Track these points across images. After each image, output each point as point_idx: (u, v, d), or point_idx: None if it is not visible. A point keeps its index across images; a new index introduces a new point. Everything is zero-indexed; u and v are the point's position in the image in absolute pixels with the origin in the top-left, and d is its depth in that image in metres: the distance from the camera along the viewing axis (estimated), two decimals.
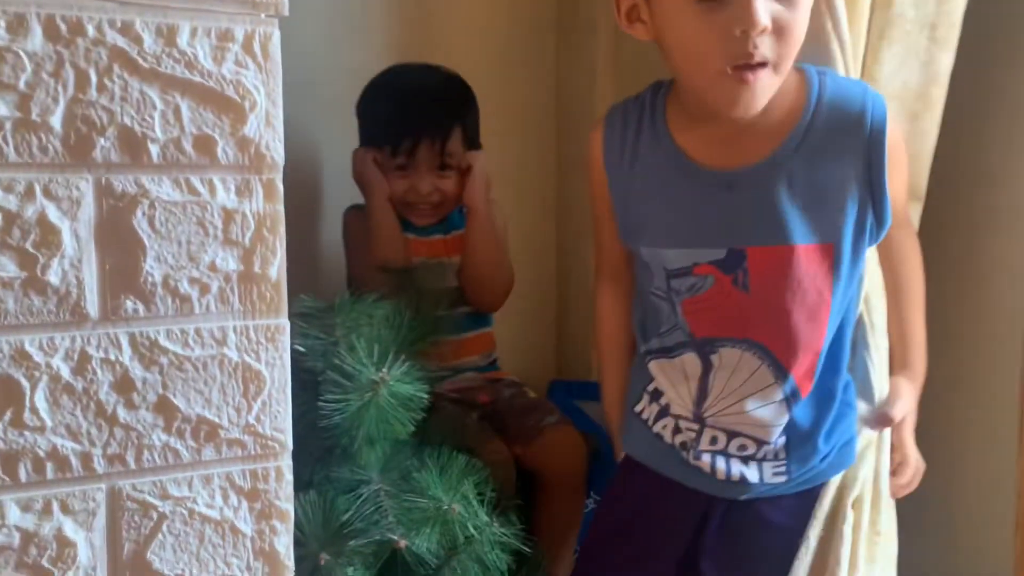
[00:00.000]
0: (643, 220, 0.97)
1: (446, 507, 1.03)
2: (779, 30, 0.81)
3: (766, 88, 0.84)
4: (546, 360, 1.97)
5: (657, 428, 1.03)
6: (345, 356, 1.03)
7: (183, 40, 0.66)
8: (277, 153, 0.70)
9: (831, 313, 0.92)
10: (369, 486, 1.05)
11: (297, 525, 0.93)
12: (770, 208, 0.89)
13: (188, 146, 0.67)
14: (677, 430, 1.01)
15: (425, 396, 1.06)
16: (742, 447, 0.97)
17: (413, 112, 1.44)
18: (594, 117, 1.78)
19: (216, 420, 0.69)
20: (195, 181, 0.67)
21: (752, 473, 0.97)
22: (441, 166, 1.45)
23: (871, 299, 1.00)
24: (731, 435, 0.97)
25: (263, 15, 0.68)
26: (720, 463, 0.98)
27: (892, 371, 1.01)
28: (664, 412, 1.02)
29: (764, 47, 0.81)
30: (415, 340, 1.13)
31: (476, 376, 1.53)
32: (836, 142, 0.88)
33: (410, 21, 1.77)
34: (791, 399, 0.95)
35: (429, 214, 1.48)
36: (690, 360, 0.97)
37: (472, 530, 1.05)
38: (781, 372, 0.93)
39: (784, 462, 0.97)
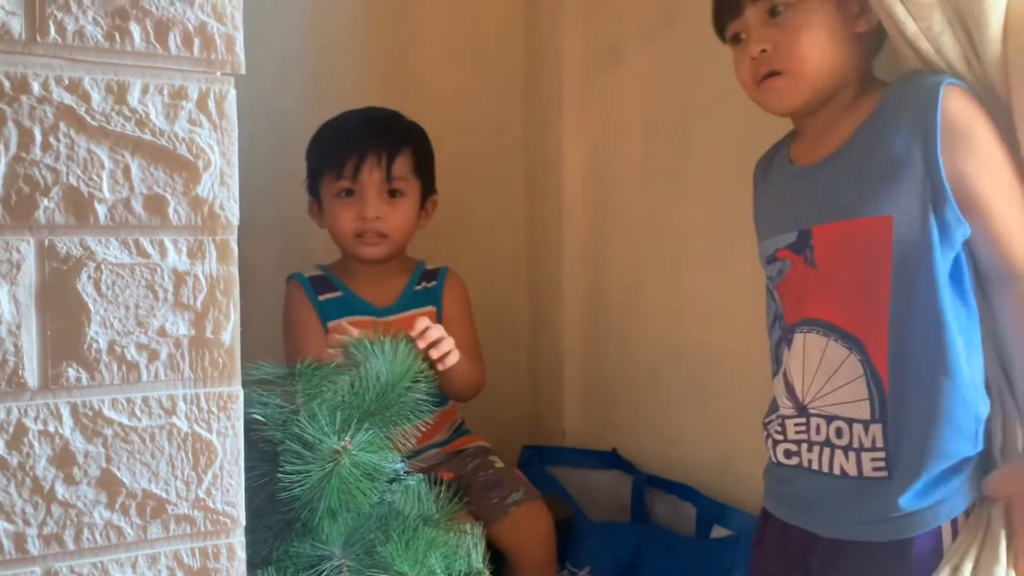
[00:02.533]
0: (759, 221, 1.11)
1: None
2: (777, 49, 0.99)
3: (788, 89, 0.99)
4: (518, 425, 1.93)
5: (771, 454, 1.07)
6: (306, 425, 0.99)
7: (134, 98, 0.64)
8: (232, 213, 0.67)
9: (892, 290, 0.92)
10: (331, 561, 0.99)
11: None
12: (832, 188, 0.98)
13: (138, 206, 0.64)
14: (790, 445, 1.04)
15: (391, 466, 1.02)
16: (839, 431, 0.98)
17: (360, 131, 1.40)
18: (561, 185, 1.81)
19: (163, 495, 0.65)
20: (145, 242, 0.64)
21: (851, 465, 0.96)
22: (390, 192, 1.41)
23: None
24: (829, 420, 0.99)
25: (219, 73, 0.66)
26: (825, 456, 0.99)
27: None
28: (768, 435, 1.07)
29: (772, 61, 0.99)
30: (381, 409, 1.09)
31: (438, 452, 1.49)
32: (899, 119, 0.94)
33: (383, 82, 1.78)
34: (871, 376, 0.94)
35: (376, 244, 1.42)
36: (784, 357, 1.04)
37: None
38: (853, 343, 0.95)
39: (883, 453, 0.94)
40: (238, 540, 0.67)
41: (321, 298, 1.46)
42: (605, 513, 1.63)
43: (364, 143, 1.38)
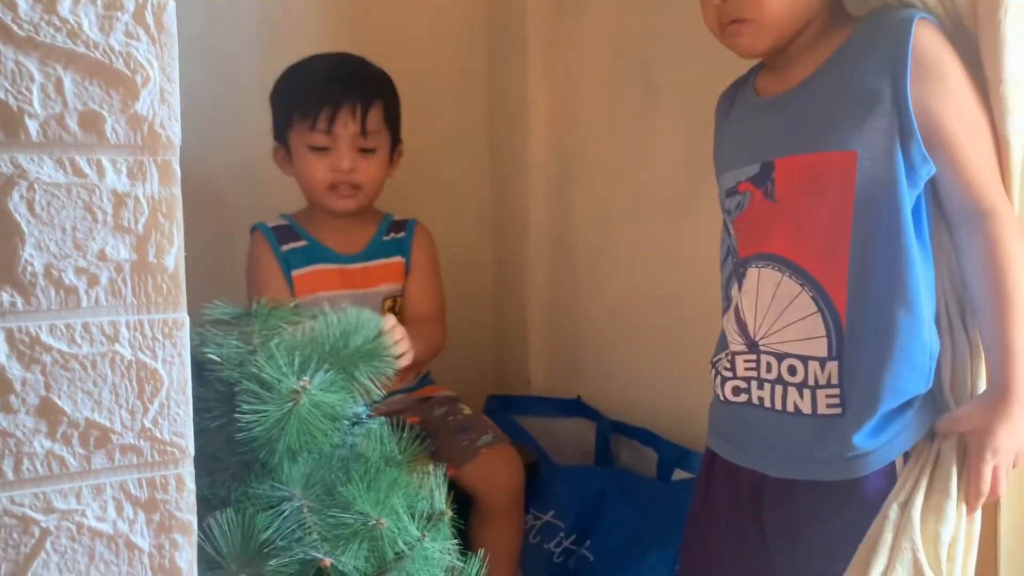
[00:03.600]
0: (721, 155, 1.10)
1: (373, 522, 0.97)
2: None
3: (752, 34, 0.97)
4: (484, 375, 1.93)
5: (718, 392, 1.06)
6: (263, 365, 0.97)
7: (64, 7, 0.60)
8: (173, 133, 0.64)
9: (853, 227, 0.91)
10: (291, 502, 0.98)
11: (214, 546, 0.87)
12: (797, 121, 0.97)
13: (72, 123, 0.61)
14: (739, 382, 1.02)
15: (351, 408, 1.00)
16: (791, 369, 0.96)
17: (333, 82, 1.37)
18: (527, 133, 1.78)
19: (107, 424, 0.62)
20: (81, 161, 0.61)
21: (805, 402, 0.95)
22: (362, 147, 1.39)
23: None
24: (780, 357, 0.98)
25: None
26: (777, 393, 0.98)
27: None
28: (717, 373, 1.06)
29: (734, 10, 0.97)
30: (340, 352, 1.07)
31: (404, 398, 1.49)
32: (869, 53, 0.93)
33: (340, 25, 1.74)
34: (827, 313, 0.93)
35: (349, 197, 1.41)
36: (734, 292, 1.03)
37: (402, 546, 0.99)
38: (807, 280, 0.94)
39: (837, 390, 0.94)
40: (187, 470, 0.66)
41: (284, 248, 1.44)
42: (570, 459, 1.63)
43: (338, 94, 1.36)
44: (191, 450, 0.66)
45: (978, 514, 0.93)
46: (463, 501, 1.37)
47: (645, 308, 1.60)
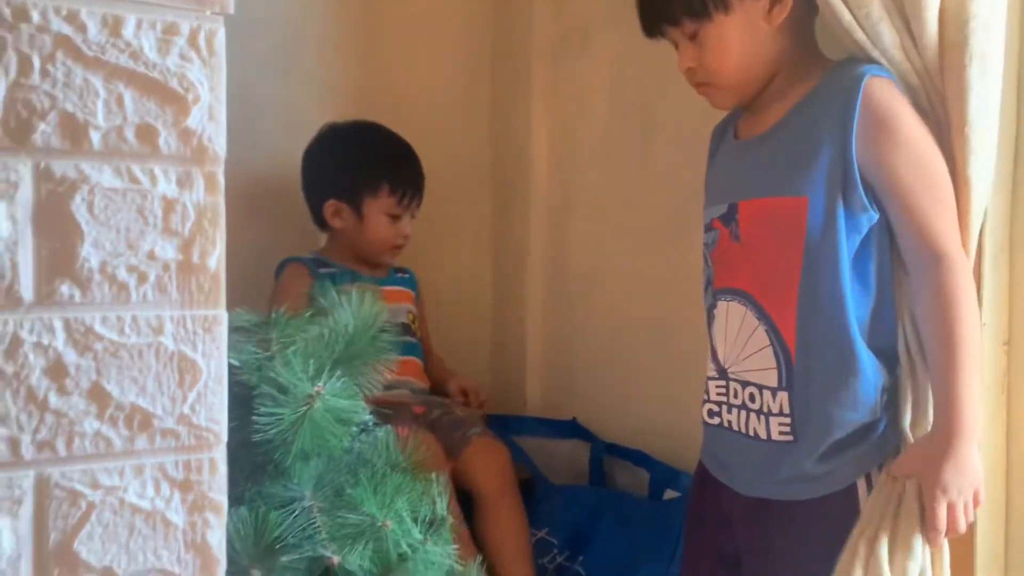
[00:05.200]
0: (705, 188, 1.16)
1: (379, 524, 1.02)
2: (701, 66, 1.05)
3: (720, 95, 1.07)
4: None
5: (703, 414, 1.12)
6: (280, 370, 1.03)
7: (128, 31, 0.67)
8: (219, 146, 0.71)
9: (802, 269, 0.97)
10: (302, 502, 1.03)
11: (228, 541, 0.92)
12: (760, 165, 1.03)
13: (130, 135, 0.67)
14: (712, 405, 1.10)
15: (363, 412, 1.06)
16: (752, 396, 1.03)
17: (411, 164, 1.66)
18: (528, 162, 1.86)
19: (150, 409, 0.68)
20: (136, 170, 0.68)
21: (762, 428, 1.01)
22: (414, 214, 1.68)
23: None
24: (744, 385, 1.04)
25: (208, 12, 0.70)
26: (742, 417, 1.04)
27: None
28: (704, 396, 1.12)
29: (698, 76, 1.06)
30: (350, 358, 1.13)
31: (409, 393, 1.61)
32: (824, 106, 0.98)
33: (349, 59, 1.81)
34: (778, 347, 1.00)
35: (399, 252, 1.69)
36: (711, 319, 1.10)
37: (405, 548, 1.04)
38: (764, 317, 1.01)
39: (788, 419, 1.00)
40: (220, 455, 0.71)
41: (322, 270, 1.63)
42: (565, 480, 1.68)
43: (416, 176, 1.67)
44: (224, 436, 0.72)
45: (946, 547, 0.96)
46: (466, 507, 1.45)
47: (639, 333, 1.66)
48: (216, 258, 0.71)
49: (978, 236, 1.01)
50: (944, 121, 0.97)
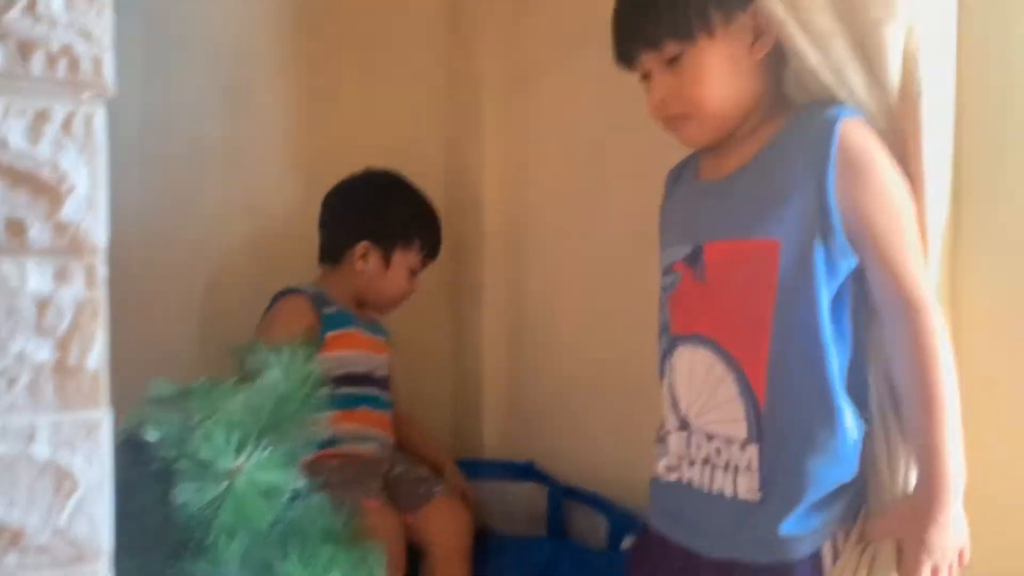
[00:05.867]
0: (662, 232, 1.12)
1: None
2: (679, 95, 1.00)
3: (696, 127, 1.02)
4: (438, 435, 1.94)
5: (656, 466, 1.07)
6: (201, 444, 0.98)
7: None
8: (99, 237, 0.66)
9: (774, 314, 0.93)
10: None
11: None
12: (729, 207, 1.00)
13: None
14: (671, 460, 1.04)
15: (293, 480, 1.02)
16: (717, 450, 0.98)
17: (441, 229, 1.72)
18: (481, 203, 1.82)
19: (20, 525, 0.63)
20: (5, 265, 0.63)
21: (728, 485, 0.96)
22: None
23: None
24: (709, 438, 0.99)
25: (86, 95, 0.65)
26: (705, 474, 0.99)
27: None
28: (663, 449, 1.06)
29: (672, 108, 1.01)
30: (282, 421, 1.08)
31: (378, 447, 1.61)
32: (796, 149, 0.95)
33: (308, 91, 1.77)
34: (747, 397, 0.95)
35: (394, 310, 1.71)
36: (667, 368, 1.06)
37: None
38: (732, 363, 0.96)
39: (758, 475, 0.95)
40: (102, 569, 0.66)
41: (325, 310, 1.61)
42: (522, 525, 1.64)
43: (440, 244, 1.73)
44: (107, 549, 0.67)
45: None
46: (413, 561, 1.42)
47: (597, 374, 1.63)
48: (96, 356, 0.66)
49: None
50: (906, 167, 0.95)
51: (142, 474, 1.03)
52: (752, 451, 0.95)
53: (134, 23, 1.37)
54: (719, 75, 0.98)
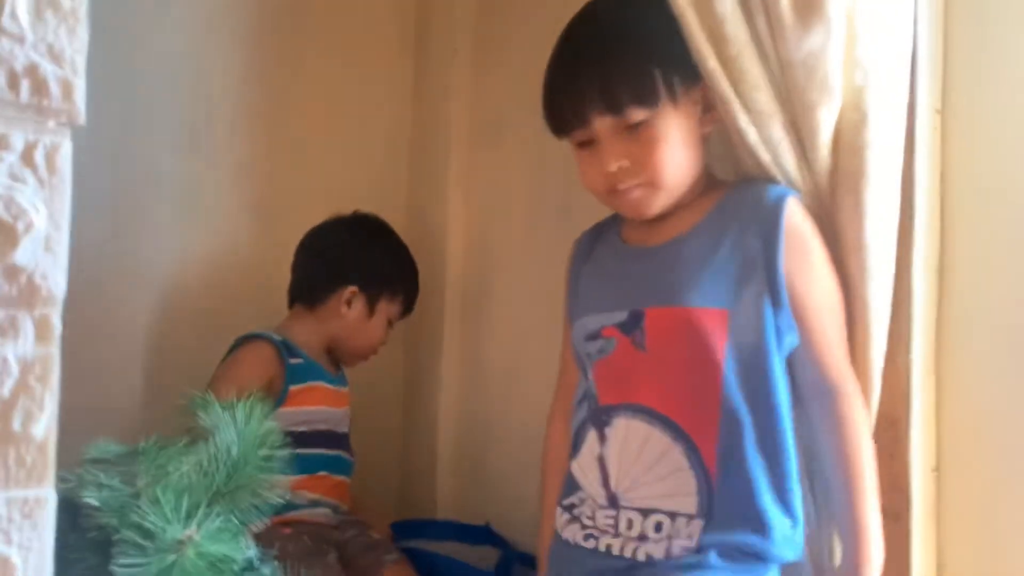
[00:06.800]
0: (580, 296, 1.06)
1: None
2: (636, 162, 0.95)
3: (646, 198, 0.97)
4: (388, 492, 1.86)
5: (567, 534, 1.00)
6: (146, 511, 0.89)
7: None
8: (56, 284, 0.57)
9: (724, 382, 0.91)
10: None
11: None
12: (671, 274, 0.96)
13: None
14: (591, 530, 0.97)
15: (244, 551, 0.93)
16: (658, 525, 0.93)
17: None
18: (444, 252, 1.77)
19: None
20: None
21: (659, 550, 0.91)
22: None
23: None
24: (645, 513, 0.93)
25: (52, 123, 0.57)
26: (630, 545, 0.93)
27: None
28: (575, 518, 1.00)
29: (627, 177, 0.96)
30: (235, 487, 0.99)
31: (331, 514, 1.52)
32: (743, 222, 0.94)
33: (262, 145, 1.71)
34: (698, 470, 0.91)
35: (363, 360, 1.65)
36: (591, 438, 0.99)
37: None
38: (679, 434, 0.92)
39: (699, 537, 0.91)
40: None
41: (291, 361, 1.51)
42: None
43: (417, 298, 1.68)
44: None
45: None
46: None
47: None
48: (44, 425, 0.57)
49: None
50: (837, 242, 0.97)
51: (77, 542, 0.92)
52: (696, 525, 0.91)
53: (90, 48, 1.29)
54: (678, 144, 0.96)
